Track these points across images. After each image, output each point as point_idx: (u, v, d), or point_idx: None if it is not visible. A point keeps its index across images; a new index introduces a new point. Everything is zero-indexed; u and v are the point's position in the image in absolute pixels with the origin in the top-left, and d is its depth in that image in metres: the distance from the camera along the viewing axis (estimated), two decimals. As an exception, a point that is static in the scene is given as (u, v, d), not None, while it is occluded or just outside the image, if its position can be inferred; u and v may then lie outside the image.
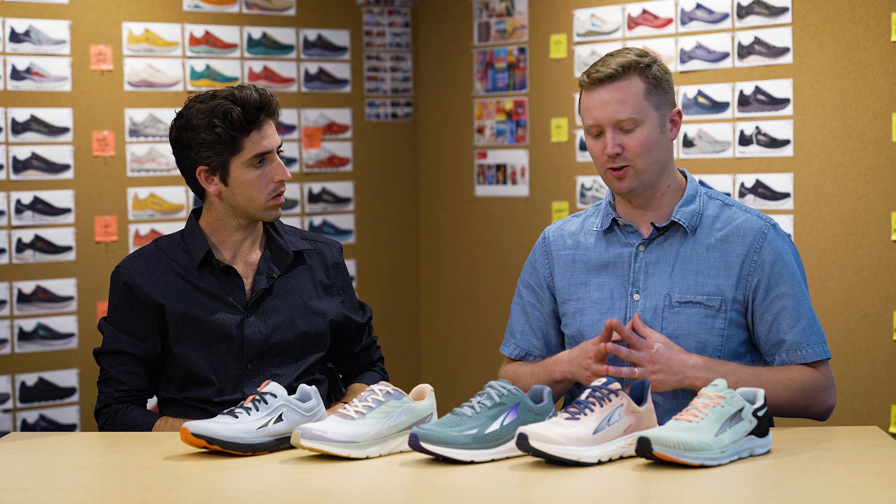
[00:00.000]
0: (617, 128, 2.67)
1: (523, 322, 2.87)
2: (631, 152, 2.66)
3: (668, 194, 2.74)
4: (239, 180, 2.82)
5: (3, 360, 4.88)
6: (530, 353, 2.86)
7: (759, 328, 2.70)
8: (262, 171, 2.83)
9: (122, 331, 2.86)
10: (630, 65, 2.67)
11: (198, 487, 2.21)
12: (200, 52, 5.28)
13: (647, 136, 2.67)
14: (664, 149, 2.70)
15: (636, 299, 2.72)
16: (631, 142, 2.66)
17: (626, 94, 2.66)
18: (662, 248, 2.73)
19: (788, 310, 2.67)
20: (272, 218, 2.88)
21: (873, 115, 4.22)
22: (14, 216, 4.89)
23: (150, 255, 2.90)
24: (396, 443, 2.39)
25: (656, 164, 2.69)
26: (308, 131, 5.59)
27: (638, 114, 2.66)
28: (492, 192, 5.60)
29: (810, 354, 2.67)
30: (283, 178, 2.84)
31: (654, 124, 2.68)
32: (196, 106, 2.82)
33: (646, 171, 2.68)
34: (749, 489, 2.13)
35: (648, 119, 2.67)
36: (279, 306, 2.89)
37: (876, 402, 4.26)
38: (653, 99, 2.68)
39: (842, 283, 4.32)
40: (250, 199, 2.84)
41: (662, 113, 2.70)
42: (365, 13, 5.75)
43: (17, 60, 4.89)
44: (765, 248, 2.69)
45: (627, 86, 2.66)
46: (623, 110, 2.66)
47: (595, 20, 5.07)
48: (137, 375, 2.85)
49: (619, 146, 2.66)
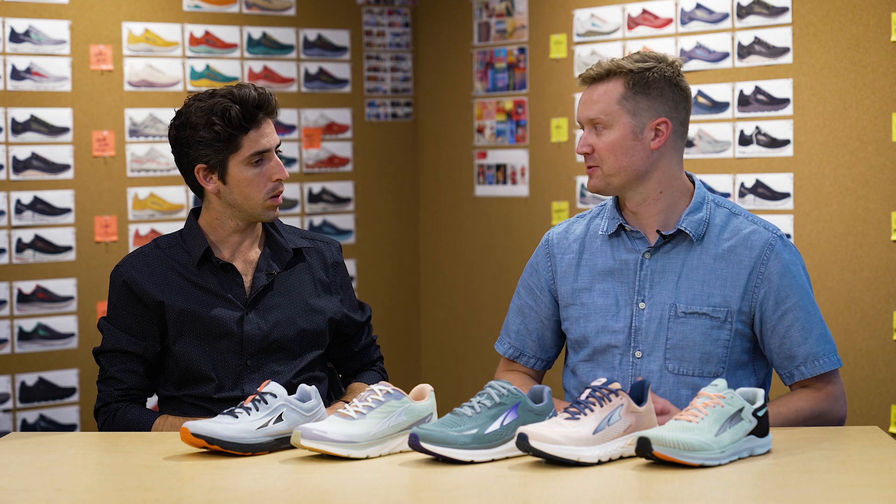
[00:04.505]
0: (592, 127, 2.70)
1: (519, 322, 2.88)
2: (598, 153, 2.69)
3: (666, 201, 2.72)
4: (237, 179, 2.83)
5: (3, 360, 4.88)
6: (524, 353, 2.87)
7: (770, 341, 2.69)
8: (260, 170, 2.83)
9: (121, 329, 2.86)
10: (615, 69, 2.69)
11: (198, 487, 2.21)
12: (200, 52, 5.28)
13: (613, 140, 2.67)
14: (638, 156, 2.68)
15: (641, 308, 2.71)
16: (598, 143, 2.69)
17: (601, 97, 2.69)
18: (669, 256, 2.72)
19: (800, 321, 2.67)
20: (270, 218, 2.88)
21: (873, 115, 4.22)
22: (14, 216, 4.89)
23: (149, 254, 2.90)
24: (396, 443, 2.39)
25: (626, 170, 2.68)
26: (308, 131, 5.59)
27: (606, 116, 2.67)
28: (492, 192, 5.60)
29: (827, 364, 2.67)
30: (280, 176, 2.85)
31: (626, 130, 2.67)
32: (195, 104, 2.82)
33: (613, 175, 2.69)
34: (749, 489, 2.13)
35: (618, 124, 2.67)
36: (279, 303, 2.90)
37: (876, 402, 4.26)
38: (628, 104, 2.67)
39: (842, 283, 4.32)
40: (248, 197, 2.84)
41: (640, 119, 2.68)
42: (365, 13, 5.75)
43: (17, 60, 4.89)
44: (772, 260, 2.68)
45: (606, 88, 2.69)
46: (592, 110, 2.69)
47: (595, 20, 5.07)
48: (136, 374, 2.86)
49: (589, 146, 2.70)
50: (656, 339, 2.69)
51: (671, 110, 2.70)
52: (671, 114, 2.70)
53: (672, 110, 2.70)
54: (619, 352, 2.72)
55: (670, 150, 2.71)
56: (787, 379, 2.70)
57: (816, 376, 2.67)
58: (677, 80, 2.72)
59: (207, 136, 2.80)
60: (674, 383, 2.68)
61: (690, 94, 2.75)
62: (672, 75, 2.70)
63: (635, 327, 2.71)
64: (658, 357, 2.69)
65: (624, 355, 2.71)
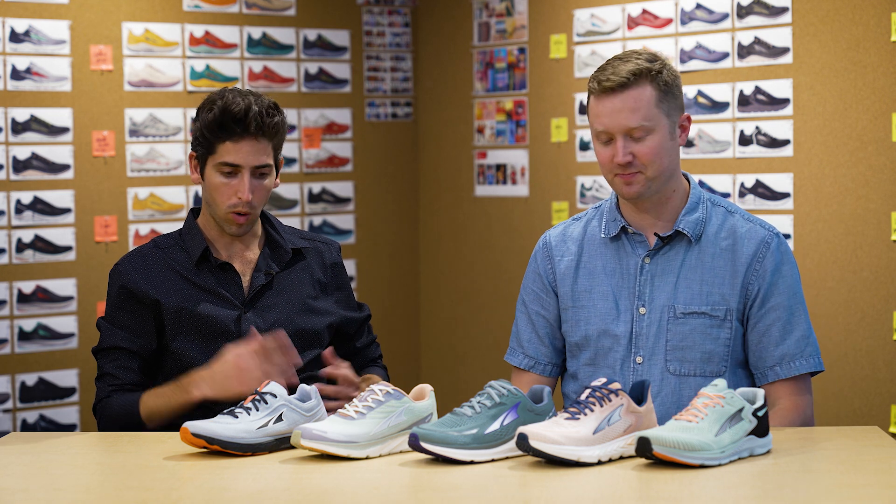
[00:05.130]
0: (628, 136, 2.63)
1: (530, 331, 2.84)
2: (642, 160, 2.63)
3: (674, 199, 2.72)
4: (209, 180, 2.85)
5: (3, 360, 4.88)
6: (539, 361, 2.84)
7: (749, 336, 2.68)
8: (227, 181, 2.83)
9: (117, 327, 2.87)
10: (641, 72, 2.62)
11: (198, 487, 2.21)
12: (200, 52, 5.28)
13: (658, 144, 2.63)
14: (674, 155, 2.68)
15: (642, 312, 2.71)
16: (642, 150, 2.63)
17: (638, 103, 2.62)
18: (667, 257, 2.72)
19: (782, 321, 2.66)
20: (231, 231, 2.87)
21: (873, 115, 4.22)
22: (14, 216, 4.89)
23: (147, 253, 2.91)
24: (396, 443, 2.39)
25: (667, 171, 2.67)
26: (308, 131, 5.59)
27: (649, 122, 2.62)
28: (492, 192, 5.60)
29: (804, 366, 2.66)
30: (241, 195, 2.80)
31: (665, 131, 2.65)
32: (210, 95, 2.87)
33: (655, 178, 2.65)
34: (749, 489, 2.13)
35: (659, 127, 2.64)
36: (277, 303, 2.90)
37: (876, 402, 4.26)
38: (663, 106, 2.64)
39: (842, 283, 4.32)
40: (214, 201, 2.86)
41: (672, 119, 2.66)
42: (365, 13, 5.75)
43: (17, 60, 4.89)
44: (767, 257, 2.68)
45: (639, 94, 2.62)
46: (634, 119, 2.62)
47: (595, 20, 5.07)
48: (131, 370, 2.85)
49: (630, 154, 2.63)
50: (656, 342, 2.69)
51: (684, 106, 2.73)
52: (686, 109, 2.72)
53: (684, 106, 2.73)
54: (620, 356, 2.71)
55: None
56: (760, 379, 2.68)
57: (789, 382, 2.66)
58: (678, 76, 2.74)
59: (196, 129, 2.86)
60: (675, 385, 2.68)
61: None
62: (674, 72, 2.71)
63: (636, 332, 2.70)
64: (659, 360, 2.68)
65: (625, 360, 2.71)
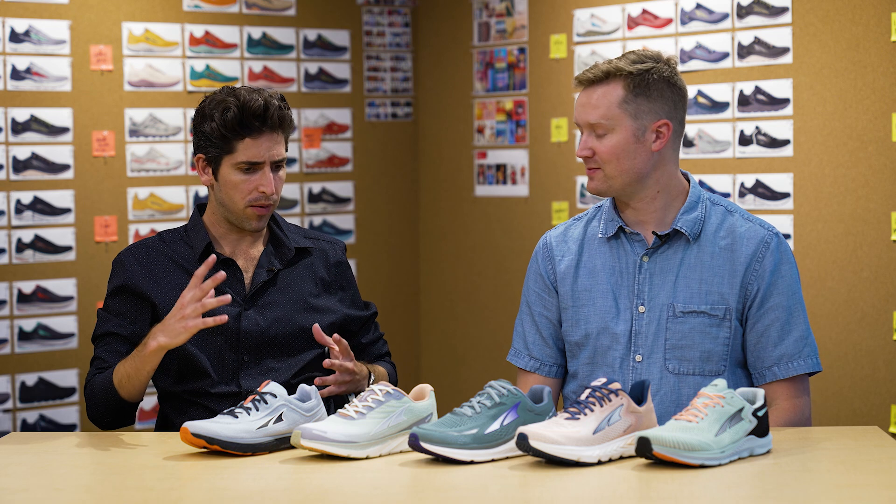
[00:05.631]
0: (592, 131, 2.67)
1: (534, 333, 2.84)
2: (600, 157, 2.66)
3: (663, 199, 2.71)
4: (225, 179, 2.85)
5: (3, 360, 4.88)
6: (544, 363, 2.83)
7: (748, 337, 2.68)
8: (247, 178, 2.84)
9: (112, 314, 2.88)
10: (615, 71, 2.65)
11: (198, 487, 2.21)
12: (200, 52, 5.28)
13: (615, 144, 2.65)
14: (640, 158, 2.66)
15: (641, 311, 2.71)
16: (600, 147, 2.66)
17: (601, 100, 2.65)
18: (666, 256, 2.72)
19: (780, 322, 2.66)
20: (252, 228, 2.88)
21: (873, 115, 4.22)
22: (14, 216, 4.89)
23: (152, 245, 2.94)
24: (396, 443, 2.40)
25: (628, 173, 2.67)
26: (308, 131, 5.59)
27: (608, 120, 2.65)
28: (492, 192, 5.60)
29: (802, 366, 2.66)
30: (266, 189, 2.83)
31: (628, 133, 2.65)
32: (214, 96, 2.87)
33: (615, 178, 2.67)
34: (749, 489, 2.13)
35: (620, 127, 2.65)
36: (278, 300, 2.90)
37: (876, 402, 4.26)
38: (630, 107, 2.64)
39: (842, 283, 4.32)
40: (231, 199, 2.86)
41: (641, 122, 2.65)
42: (365, 13, 5.75)
43: (17, 60, 4.89)
44: (767, 257, 2.68)
45: (605, 92, 2.65)
46: (594, 115, 2.66)
47: (595, 20, 5.07)
48: (119, 354, 2.84)
49: (590, 149, 2.67)
50: (655, 340, 2.69)
51: (671, 111, 2.69)
52: (671, 114, 2.69)
53: (672, 111, 2.69)
54: (620, 355, 2.71)
55: (669, 150, 2.70)
56: (758, 379, 2.68)
57: (786, 382, 2.66)
58: (675, 79, 2.69)
59: (208, 130, 2.83)
60: (674, 384, 2.68)
61: (687, 92, 2.73)
62: (670, 75, 2.68)
63: (635, 331, 2.70)
64: (658, 359, 2.68)
65: (624, 359, 2.71)
